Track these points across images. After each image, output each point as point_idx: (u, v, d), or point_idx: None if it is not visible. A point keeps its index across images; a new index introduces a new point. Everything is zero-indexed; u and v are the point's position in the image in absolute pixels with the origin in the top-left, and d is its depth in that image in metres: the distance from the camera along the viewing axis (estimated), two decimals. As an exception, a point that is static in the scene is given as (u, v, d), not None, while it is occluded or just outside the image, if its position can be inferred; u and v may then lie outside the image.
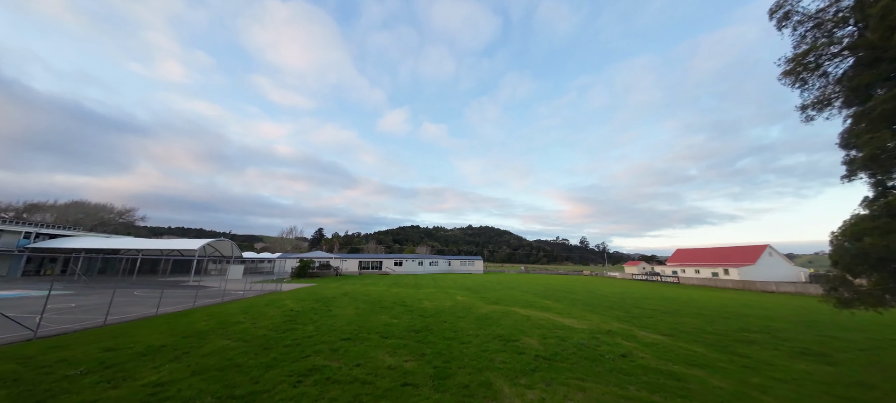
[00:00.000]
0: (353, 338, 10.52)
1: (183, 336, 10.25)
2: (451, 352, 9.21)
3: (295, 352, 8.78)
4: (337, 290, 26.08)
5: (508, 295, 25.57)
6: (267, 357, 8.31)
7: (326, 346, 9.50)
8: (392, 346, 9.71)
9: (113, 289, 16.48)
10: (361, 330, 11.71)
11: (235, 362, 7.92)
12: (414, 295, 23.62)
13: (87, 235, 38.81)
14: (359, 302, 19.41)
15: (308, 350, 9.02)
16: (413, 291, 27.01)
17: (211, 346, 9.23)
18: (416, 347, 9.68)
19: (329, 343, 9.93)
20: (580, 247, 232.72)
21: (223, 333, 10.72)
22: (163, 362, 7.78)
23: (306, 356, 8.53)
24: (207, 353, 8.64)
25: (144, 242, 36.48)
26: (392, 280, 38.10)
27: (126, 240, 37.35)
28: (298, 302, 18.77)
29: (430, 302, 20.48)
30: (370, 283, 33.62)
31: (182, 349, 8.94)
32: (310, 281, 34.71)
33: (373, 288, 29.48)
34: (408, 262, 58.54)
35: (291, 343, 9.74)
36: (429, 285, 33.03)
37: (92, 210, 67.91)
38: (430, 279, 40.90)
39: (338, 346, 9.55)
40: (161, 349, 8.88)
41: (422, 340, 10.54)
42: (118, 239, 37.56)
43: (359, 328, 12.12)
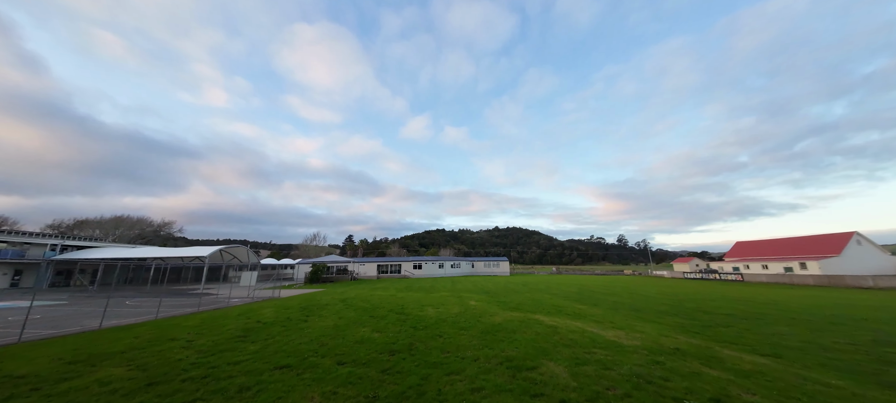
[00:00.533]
0: (297, 366, 7.48)
1: (75, 361, 7.79)
2: (421, 394, 5.83)
3: (183, 393, 5.86)
4: (336, 296, 23.57)
5: (533, 299, 21.57)
6: (133, 402, 5.46)
7: (246, 379, 6.53)
8: (341, 379, 6.53)
9: (103, 298, 15.04)
10: (319, 352, 8.68)
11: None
12: (419, 301, 20.45)
13: (111, 246, 40.11)
14: (349, 309, 16.58)
15: (209, 387, 6.08)
16: (421, 296, 23.87)
17: (91, 377, 6.62)
18: (374, 381, 6.43)
19: (255, 372, 6.96)
20: (618, 246, 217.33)
21: (129, 357, 8.15)
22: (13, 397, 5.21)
23: (194, 400, 5.56)
24: (79, 388, 6.01)
25: (158, 251, 36.76)
26: (406, 284, 35.25)
27: (143, 250, 38.01)
28: (280, 310, 16.31)
29: (436, 308, 17.20)
30: (380, 287, 30.98)
31: (54, 378, 6.40)
32: (318, 287, 32.81)
33: (379, 292, 26.74)
34: (428, 265, 55.66)
35: (201, 374, 6.88)
36: (443, 288, 29.71)
37: (134, 224, 72.59)
38: (449, 282, 37.56)
39: (262, 380, 6.54)
40: (24, 378, 6.40)
41: (391, 368, 7.27)
42: (137, 249, 38.29)
43: (319, 348, 9.12)
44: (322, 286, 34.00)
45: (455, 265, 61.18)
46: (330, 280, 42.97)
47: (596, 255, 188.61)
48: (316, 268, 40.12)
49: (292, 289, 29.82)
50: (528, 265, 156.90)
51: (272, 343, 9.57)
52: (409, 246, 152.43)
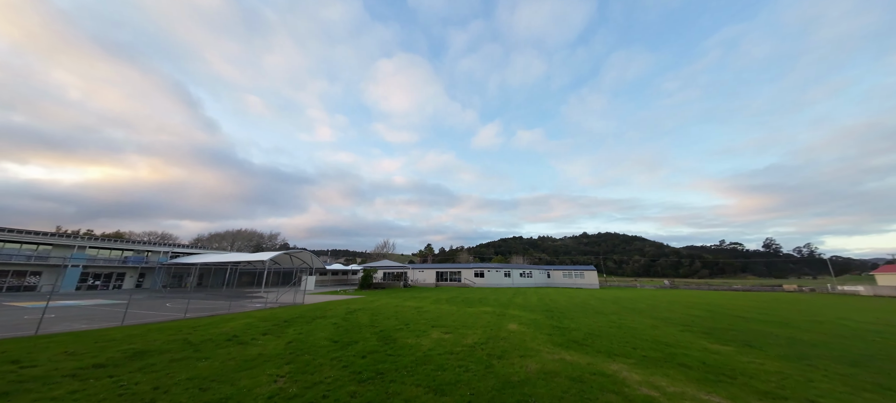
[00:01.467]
0: None
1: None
2: None
3: None
4: (350, 306, 19.77)
5: (617, 327, 13.37)
6: None
7: None
8: None
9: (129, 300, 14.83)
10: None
11: None
12: (438, 318, 14.85)
13: (205, 252, 46.84)
14: (329, 328, 12.26)
15: None
16: (452, 310, 18.15)
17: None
18: None
19: None
20: (765, 253, 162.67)
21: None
22: None
23: None
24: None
25: (232, 256, 40.52)
26: (455, 294, 29.77)
27: (222, 255, 42.88)
28: (250, 324, 13.05)
29: (449, 332, 11.58)
30: (417, 297, 26.35)
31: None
32: (360, 293, 30.22)
33: (407, 302, 22.08)
34: (491, 273, 48.81)
35: None
36: (492, 302, 23.07)
37: (250, 236, 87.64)
38: (508, 294, 30.37)
39: None
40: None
41: None
42: (219, 255, 43.34)
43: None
44: (365, 292, 31.42)
45: (526, 274, 52.36)
46: (380, 286, 40.86)
47: (731, 266, 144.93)
48: (365, 274, 38.47)
49: (335, 295, 27.93)
50: (630, 277, 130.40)
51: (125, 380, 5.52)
52: (483, 254, 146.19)
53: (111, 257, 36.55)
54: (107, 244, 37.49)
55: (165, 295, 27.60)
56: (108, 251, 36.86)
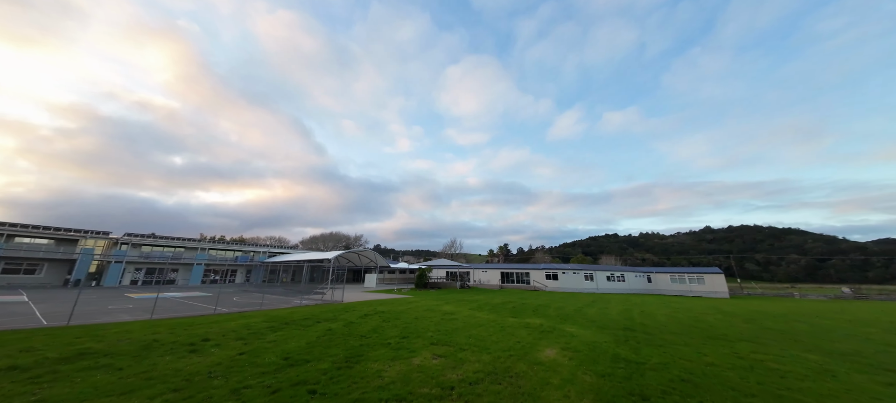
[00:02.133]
0: None
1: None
2: None
3: None
4: (377, 309, 18.07)
5: (746, 365, 7.71)
6: None
7: None
8: None
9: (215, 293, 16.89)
10: None
11: None
12: (456, 334, 11.79)
13: (291, 252, 53.32)
14: (303, 341, 10.49)
15: None
16: (490, 318, 14.64)
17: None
18: None
19: None
20: None
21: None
22: None
23: None
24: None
25: (306, 255, 44.63)
26: (510, 299, 25.52)
27: (300, 254, 47.82)
28: (256, 324, 12.37)
29: (451, 356, 8.68)
30: (463, 301, 23.26)
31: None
32: (410, 293, 28.87)
33: (443, 306, 19.30)
34: (567, 275, 41.58)
35: None
36: (549, 311, 18.26)
37: (341, 238, 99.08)
38: (582, 302, 24.33)
39: None
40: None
41: None
42: (300, 254, 48.52)
43: None
44: (416, 292, 29.95)
45: (615, 277, 42.87)
46: (436, 285, 39.05)
47: None
48: (420, 273, 37.23)
49: (386, 294, 27.31)
50: (783, 283, 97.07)
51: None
52: (566, 254, 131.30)
53: (225, 257, 45.01)
54: (221, 246, 46.43)
55: (257, 288, 31.78)
56: (223, 252, 45.57)
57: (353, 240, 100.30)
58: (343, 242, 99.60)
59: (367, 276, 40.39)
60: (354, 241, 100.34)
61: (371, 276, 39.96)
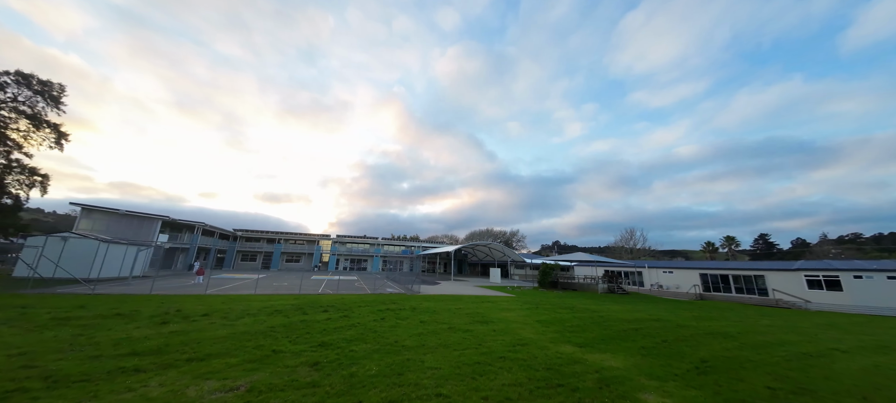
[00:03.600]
0: None
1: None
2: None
3: None
4: (450, 308, 13.87)
5: None
6: None
7: None
8: None
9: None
10: None
11: None
12: (416, 375, 5.97)
13: (439, 245, 56.24)
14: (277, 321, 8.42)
15: None
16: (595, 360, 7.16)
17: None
18: None
19: None
20: None
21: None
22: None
23: None
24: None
25: (438, 248, 45.25)
26: (700, 318, 13.66)
27: (440, 247, 49.02)
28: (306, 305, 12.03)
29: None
30: (581, 311, 14.48)
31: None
32: (524, 293, 22.16)
33: (507, 314, 12.12)
34: (864, 283, 18.90)
35: None
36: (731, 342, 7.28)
37: (496, 235, 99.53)
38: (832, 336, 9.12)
39: None
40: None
41: None
42: (438, 246, 50.16)
43: None
44: (529, 293, 22.61)
45: None
46: (571, 286, 28.35)
47: None
48: (544, 270, 28.16)
49: (492, 290, 22.34)
50: None
51: None
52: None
53: (395, 252, 54.30)
54: (392, 242, 56.35)
55: (400, 275, 35.72)
56: (393, 247, 55.29)
57: (510, 236, 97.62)
58: (499, 237, 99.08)
59: (492, 271, 36.08)
60: (511, 237, 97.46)
61: (495, 271, 35.35)
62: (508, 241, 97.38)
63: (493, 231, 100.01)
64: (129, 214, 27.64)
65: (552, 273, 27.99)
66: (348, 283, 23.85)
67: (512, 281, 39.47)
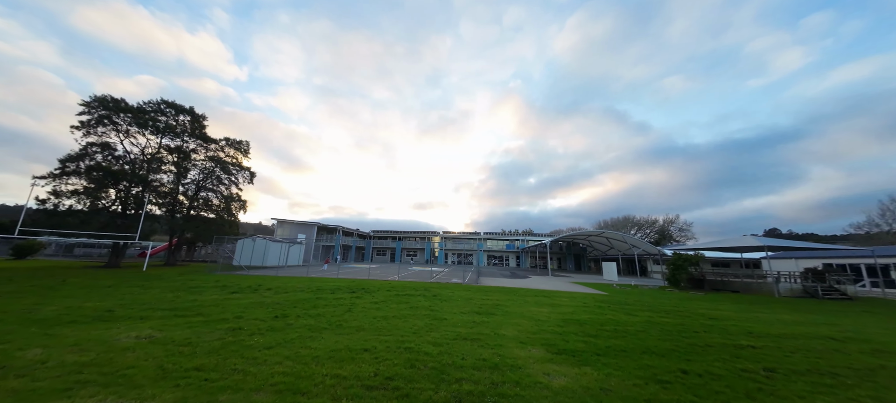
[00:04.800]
0: None
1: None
2: None
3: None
4: (504, 302, 13.60)
5: None
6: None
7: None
8: None
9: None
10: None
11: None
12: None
13: (539, 238, 50.36)
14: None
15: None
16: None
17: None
18: None
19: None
20: None
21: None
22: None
23: None
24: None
25: (542, 238, 40.52)
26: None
27: (540, 237, 43.59)
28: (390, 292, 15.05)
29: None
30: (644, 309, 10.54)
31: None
32: (621, 291, 17.70)
33: (541, 303, 10.03)
34: None
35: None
36: None
37: (627, 223, 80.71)
38: None
39: None
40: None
41: None
42: (536, 240, 44.96)
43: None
44: (664, 293, 17.53)
45: None
46: (727, 286, 19.05)
47: None
48: (676, 262, 20.05)
49: (590, 288, 18.88)
50: None
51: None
52: None
53: (499, 247, 53.42)
54: (495, 236, 55.51)
55: (495, 268, 35.57)
56: (496, 241, 54.47)
57: (666, 225, 76.65)
58: (648, 227, 79.38)
59: (605, 266, 29.88)
60: (667, 225, 76.40)
61: (609, 265, 29.11)
62: (664, 232, 77.30)
63: (633, 219, 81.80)
64: (300, 223, 39.36)
65: (686, 268, 20.20)
66: (427, 273, 25.09)
67: (635, 279, 31.60)
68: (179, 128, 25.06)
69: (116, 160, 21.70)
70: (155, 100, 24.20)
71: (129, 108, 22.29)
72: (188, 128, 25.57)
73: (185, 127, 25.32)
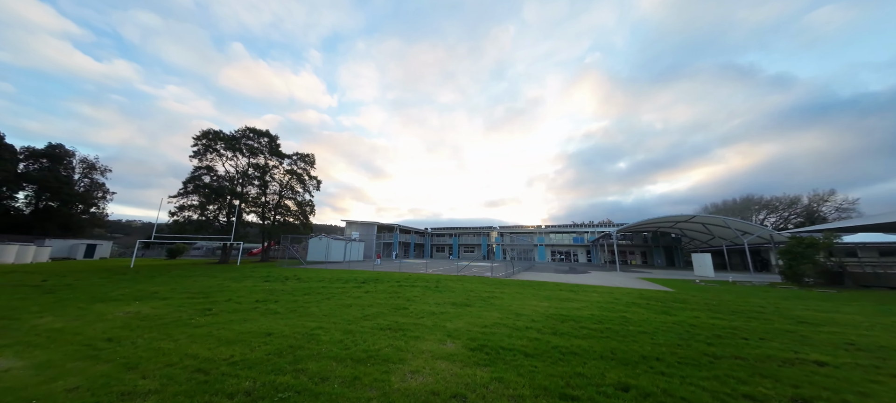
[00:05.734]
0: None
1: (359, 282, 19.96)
2: None
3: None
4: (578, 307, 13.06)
5: None
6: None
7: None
8: (57, 272, 13.55)
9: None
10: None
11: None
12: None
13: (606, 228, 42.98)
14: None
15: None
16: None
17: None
18: None
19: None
20: None
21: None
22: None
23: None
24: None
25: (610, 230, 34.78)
26: None
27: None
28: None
29: None
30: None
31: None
32: (728, 291, 14.23)
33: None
34: None
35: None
36: None
37: (750, 205, 62.81)
38: None
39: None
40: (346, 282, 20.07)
41: None
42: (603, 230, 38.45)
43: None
44: (775, 290, 13.58)
45: None
46: (884, 280, 12.68)
47: None
48: (794, 249, 14.36)
49: (656, 283, 15.69)
50: None
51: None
52: None
53: (566, 240, 48.44)
54: (558, 229, 50.40)
55: (555, 264, 32.76)
56: (560, 234, 49.46)
57: (814, 202, 57.86)
58: (785, 208, 60.99)
59: (696, 259, 24.28)
60: (816, 203, 57.62)
61: (702, 258, 23.58)
62: (812, 214, 58.79)
63: (760, 200, 64.20)
64: (365, 223, 43.27)
65: (810, 255, 14.58)
66: (467, 267, 24.20)
67: (742, 275, 25.01)
68: (260, 148, 30.35)
69: (218, 179, 27.53)
70: (242, 128, 29.88)
71: (224, 137, 28.04)
72: (267, 147, 30.76)
73: (263, 147, 30.55)
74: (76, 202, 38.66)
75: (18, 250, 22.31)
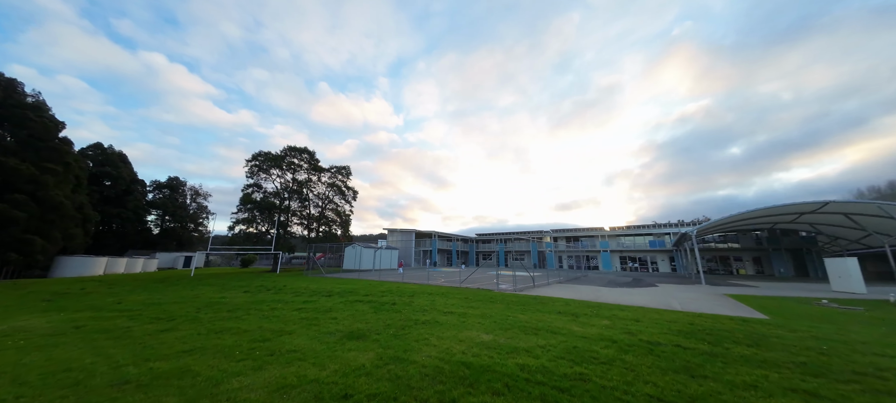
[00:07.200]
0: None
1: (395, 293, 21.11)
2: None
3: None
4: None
5: None
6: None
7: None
8: (106, 280, 16.05)
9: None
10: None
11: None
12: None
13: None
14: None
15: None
16: None
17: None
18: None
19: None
20: None
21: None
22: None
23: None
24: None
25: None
26: None
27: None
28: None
29: None
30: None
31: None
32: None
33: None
34: None
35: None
36: None
37: None
38: None
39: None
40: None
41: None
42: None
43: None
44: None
45: None
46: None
47: None
48: None
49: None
50: None
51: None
52: None
53: (640, 245, 39.80)
54: (629, 232, 41.51)
55: (616, 275, 27.17)
56: (633, 237, 40.73)
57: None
58: None
59: (830, 265, 16.85)
60: None
61: (841, 265, 16.24)
62: None
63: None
64: (404, 231, 43.32)
65: None
66: (477, 278, 21.00)
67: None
68: (299, 164, 33.01)
69: (266, 195, 30.75)
70: (285, 147, 33.06)
71: (270, 157, 31.32)
72: (307, 163, 33.29)
73: (303, 163, 33.14)
74: (187, 221, 48.42)
75: (127, 262, 28.34)
